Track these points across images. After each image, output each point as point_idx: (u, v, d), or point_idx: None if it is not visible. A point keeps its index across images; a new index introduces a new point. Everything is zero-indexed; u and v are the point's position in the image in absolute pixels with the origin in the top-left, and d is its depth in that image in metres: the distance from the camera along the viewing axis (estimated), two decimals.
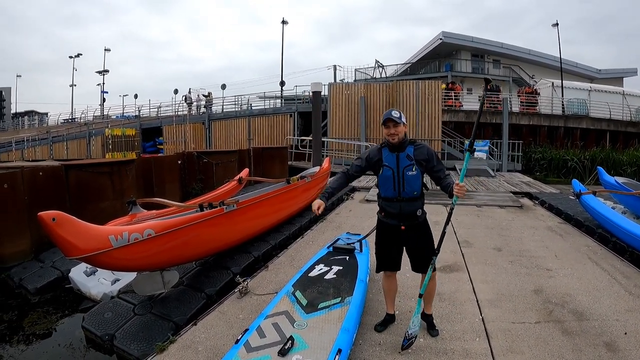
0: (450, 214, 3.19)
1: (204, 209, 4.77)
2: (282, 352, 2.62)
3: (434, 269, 3.26)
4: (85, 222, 3.46)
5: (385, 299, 3.65)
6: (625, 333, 3.42)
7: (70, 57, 45.88)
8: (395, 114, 3.12)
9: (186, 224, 4.35)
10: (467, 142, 3.37)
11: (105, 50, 43.54)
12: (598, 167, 9.87)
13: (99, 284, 4.93)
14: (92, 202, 7.02)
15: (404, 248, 3.38)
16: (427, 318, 3.51)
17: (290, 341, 2.72)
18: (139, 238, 3.75)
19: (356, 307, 3.24)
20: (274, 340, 2.79)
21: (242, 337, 2.87)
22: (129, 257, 3.73)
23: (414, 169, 3.14)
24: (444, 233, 3.15)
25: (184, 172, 10.64)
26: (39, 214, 3.14)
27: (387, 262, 3.42)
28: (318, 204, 3.24)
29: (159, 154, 20.48)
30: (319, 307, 3.22)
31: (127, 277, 4.73)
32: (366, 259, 4.22)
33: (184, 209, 5.17)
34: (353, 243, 4.51)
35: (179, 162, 10.51)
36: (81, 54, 46.51)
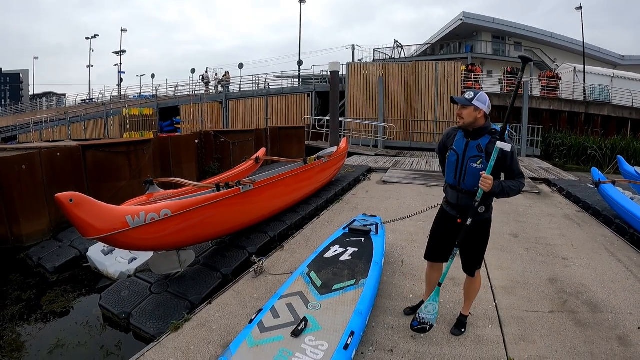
0: (475, 210, 2.83)
1: (221, 188, 4.81)
2: (295, 333, 2.66)
3: (479, 267, 3.12)
4: (102, 202, 3.49)
5: (426, 286, 3.52)
6: (639, 328, 3.37)
7: (87, 38, 46.11)
8: (468, 95, 2.81)
9: (202, 204, 4.37)
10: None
11: (121, 31, 43.61)
12: (618, 156, 9.66)
13: (116, 262, 5.01)
14: (110, 182, 7.12)
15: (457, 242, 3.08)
16: (461, 317, 3.34)
17: (303, 322, 2.75)
18: (156, 218, 3.79)
19: (370, 290, 3.25)
20: (287, 320, 2.83)
21: (256, 316, 2.91)
22: (146, 237, 3.77)
23: (479, 162, 2.79)
24: (466, 228, 2.87)
25: (201, 152, 10.71)
26: (56, 195, 3.16)
27: (434, 252, 3.26)
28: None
29: (177, 134, 20.60)
30: (333, 288, 3.25)
31: (144, 256, 4.81)
32: (382, 241, 4.22)
33: (200, 188, 5.21)
34: (369, 225, 4.50)
35: (196, 141, 10.57)
36: (98, 35, 46.80)
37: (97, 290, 4.74)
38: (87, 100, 37.30)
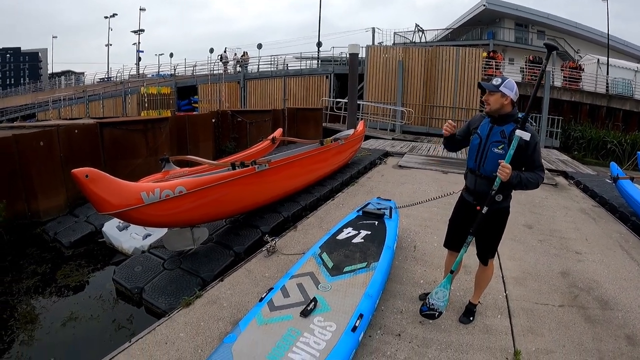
0: (491, 198, 2.78)
1: (236, 167, 4.81)
2: (305, 313, 2.68)
3: (492, 256, 3.12)
4: (117, 178, 3.52)
5: (444, 274, 3.46)
6: None
7: (106, 17, 46.19)
8: (495, 81, 2.78)
9: (217, 182, 4.40)
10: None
11: (140, 10, 43.68)
12: (638, 152, 9.48)
13: (130, 238, 5.09)
14: (127, 159, 7.20)
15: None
16: (470, 305, 3.34)
17: (313, 302, 2.77)
18: (170, 195, 3.83)
19: (381, 274, 3.26)
20: (297, 300, 2.86)
21: (266, 295, 2.94)
22: (160, 213, 3.82)
23: (500, 147, 2.76)
24: (481, 216, 2.84)
25: (218, 131, 10.77)
26: (73, 171, 3.20)
27: (452, 240, 3.25)
28: (450, 124, 3.05)
29: (194, 113, 20.67)
30: (344, 270, 3.26)
31: (158, 233, 4.88)
32: (395, 225, 4.21)
33: (216, 167, 5.23)
34: (383, 208, 4.49)
35: (213, 120, 10.63)
36: (116, 14, 46.72)
37: (111, 265, 4.83)
38: (106, 79, 37.54)
